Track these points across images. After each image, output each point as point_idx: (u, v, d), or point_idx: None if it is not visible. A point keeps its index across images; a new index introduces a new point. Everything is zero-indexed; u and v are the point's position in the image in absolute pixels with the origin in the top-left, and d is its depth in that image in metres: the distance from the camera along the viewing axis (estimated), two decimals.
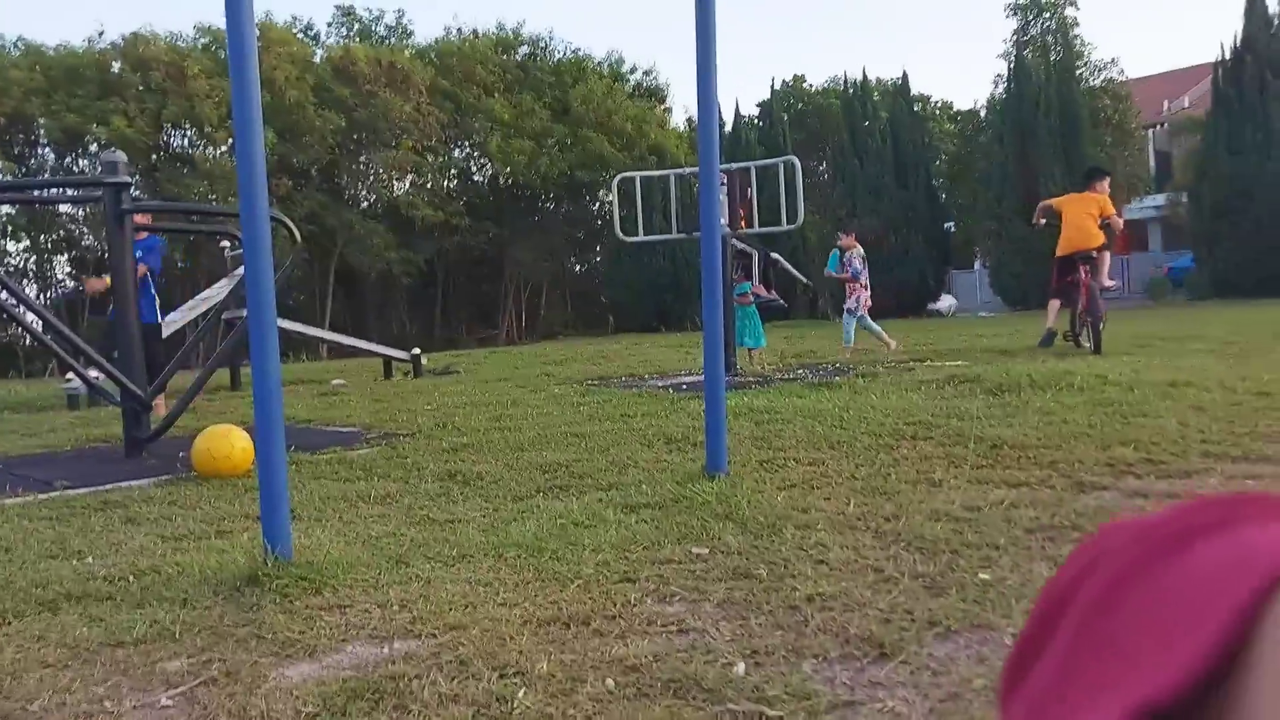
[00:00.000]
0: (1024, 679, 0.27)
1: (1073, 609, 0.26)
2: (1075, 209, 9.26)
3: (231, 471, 4.87)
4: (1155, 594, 0.24)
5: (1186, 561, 0.24)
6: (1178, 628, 0.23)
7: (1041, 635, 0.27)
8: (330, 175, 28.21)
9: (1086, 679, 0.24)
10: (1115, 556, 0.26)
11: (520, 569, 2.90)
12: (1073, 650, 0.25)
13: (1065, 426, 4.75)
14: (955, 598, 2.47)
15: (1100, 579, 0.26)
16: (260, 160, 3.06)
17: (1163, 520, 0.26)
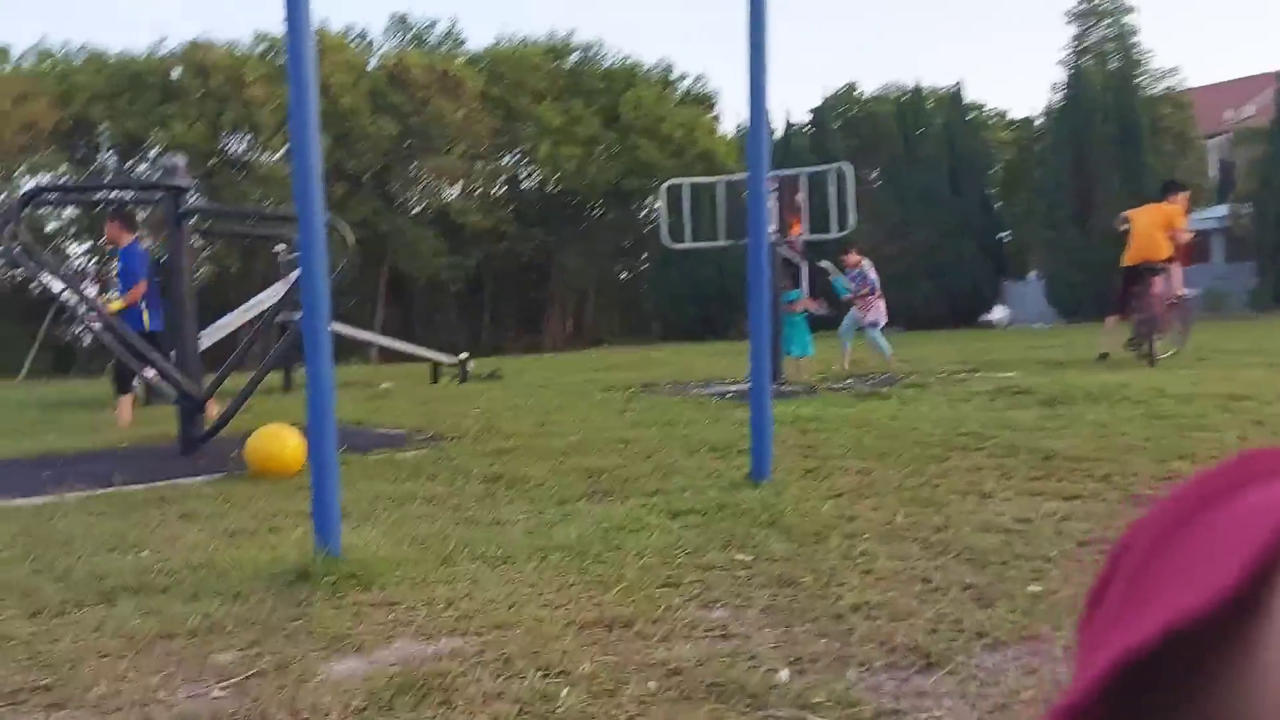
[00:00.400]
0: (1089, 629, 0.29)
1: (1124, 565, 0.28)
2: (1145, 219, 9.22)
3: (283, 470, 4.94)
4: (1187, 543, 0.25)
5: (1209, 519, 0.26)
6: (1203, 567, 0.24)
7: (1102, 591, 0.29)
8: (383, 181, 28.58)
9: (1129, 614, 0.26)
10: (1165, 511, 0.27)
11: (564, 571, 2.91)
12: (1122, 597, 0.27)
13: (1120, 439, 4.67)
14: (1004, 609, 2.44)
15: (1144, 539, 0.27)
16: (316, 166, 3.11)
17: (1216, 473, 0.28)
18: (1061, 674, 2.12)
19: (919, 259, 23.96)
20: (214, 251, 26.30)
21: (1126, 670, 0.24)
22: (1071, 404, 5.87)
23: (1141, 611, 0.25)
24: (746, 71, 4.09)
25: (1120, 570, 0.28)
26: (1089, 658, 0.26)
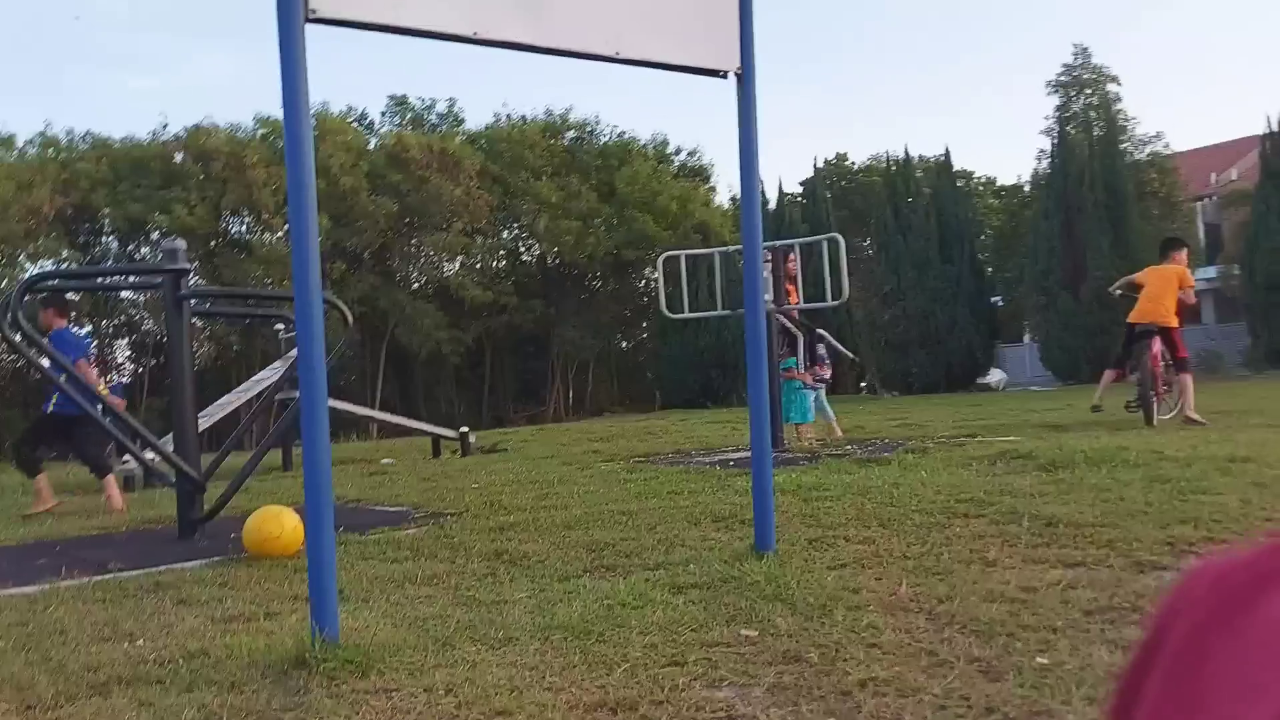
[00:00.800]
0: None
1: (1160, 659, 0.26)
2: (1156, 280, 9.31)
3: (282, 552, 4.91)
4: (1236, 647, 0.24)
5: (1263, 612, 0.24)
6: (1257, 685, 0.22)
7: (1134, 687, 0.27)
8: (382, 258, 28.81)
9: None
10: (1195, 606, 0.26)
11: (567, 652, 2.87)
12: (1162, 706, 0.25)
13: (1122, 504, 4.64)
14: (1013, 683, 2.40)
15: (1182, 629, 0.26)
16: (313, 245, 3.15)
17: (1235, 567, 0.26)
18: None
19: (913, 325, 24.08)
20: (214, 331, 26.41)
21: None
22: (1071, 468, 5.84)
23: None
24: (737, 144, 4.17)
25: (1157, 665, 0.26)
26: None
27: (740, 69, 3.95)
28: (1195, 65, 60.46)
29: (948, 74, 63.48)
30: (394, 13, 3.20)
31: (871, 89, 64.60)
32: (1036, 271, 23.16)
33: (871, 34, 65.18)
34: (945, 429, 10.36)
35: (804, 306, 10.25)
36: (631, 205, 28.99)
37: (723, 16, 3.90)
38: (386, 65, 50.55)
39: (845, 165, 37.49)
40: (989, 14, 62.74)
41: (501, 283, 29.07)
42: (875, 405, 18.71)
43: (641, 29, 3.66)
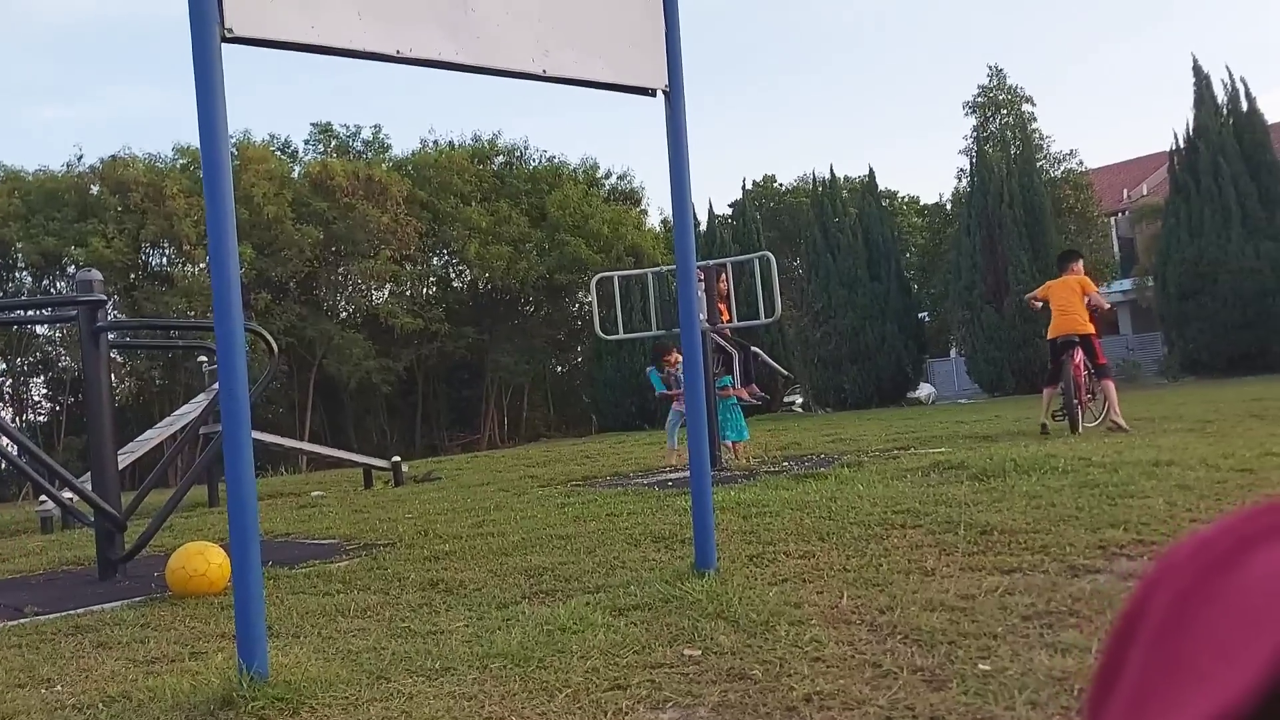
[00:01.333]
0: (1105, 706, 0.26)
1: (1142, 629, 0.26)
2: (1060, 293, 9.53)
3: (208, 589, 4.75)
4: (1217, 608, 0.23)
5: (1245, 573, 0.24)
6: (1241, 640, 0.22)
7: (1117, 660, 0.26)
8: (309, 287, 28.34)
9: (1156, 700, 0.23)
10: (1177, 573, 0.25)
11: (506, 680, 2.80)
12: (1144, 673, 0.25)
13: (1053, 510, 4.72)
14: (956, 690, 2.40)
15: (1164, 597, 0.25)
16: (234, 269, 3.06)
17: (1219, 533, 0.25)
18: None
19: (844, 342, 24.41)
20: (135, 366, 25.68)
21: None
22: (1003, 477, 5.93)
23: (1175, 694, 0.23)
24: (668, 163, 4.16)
25: (1139, 634, 0.25)
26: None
27: (668, 87, 3.96)
28: (1105, 85, 62.68)
29: (870, 96, 64.94)
30: (314, 32, 3.13)
31: (797, 111, 65.76)
32: (960, 287, 23.65)
33: (795, 58, 66.44)
34: (879, 443, 10.47)
35: (738, 325, 10.31)
36: (563, 229, 28.97)
37: (650, 34, 3.90)
38: (309, 92, 49.97)
39: (773, 187, 38.04)
40: (907, 38, 64.41)
41: (432, 310, 28.77)
42: (809, 422, 18.88)
43: (569, 46, 3.65)
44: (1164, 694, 0.23)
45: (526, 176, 30.92)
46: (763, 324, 9.87)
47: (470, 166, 30.00)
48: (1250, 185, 20.44)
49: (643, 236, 30.28)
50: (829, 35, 67.58)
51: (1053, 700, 2.29)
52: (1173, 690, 0.23)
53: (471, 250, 28.19)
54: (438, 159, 29.93)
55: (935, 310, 28.38)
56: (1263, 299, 19.80)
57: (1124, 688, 0.25)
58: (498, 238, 28.53)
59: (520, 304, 32.07)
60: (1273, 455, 5.84)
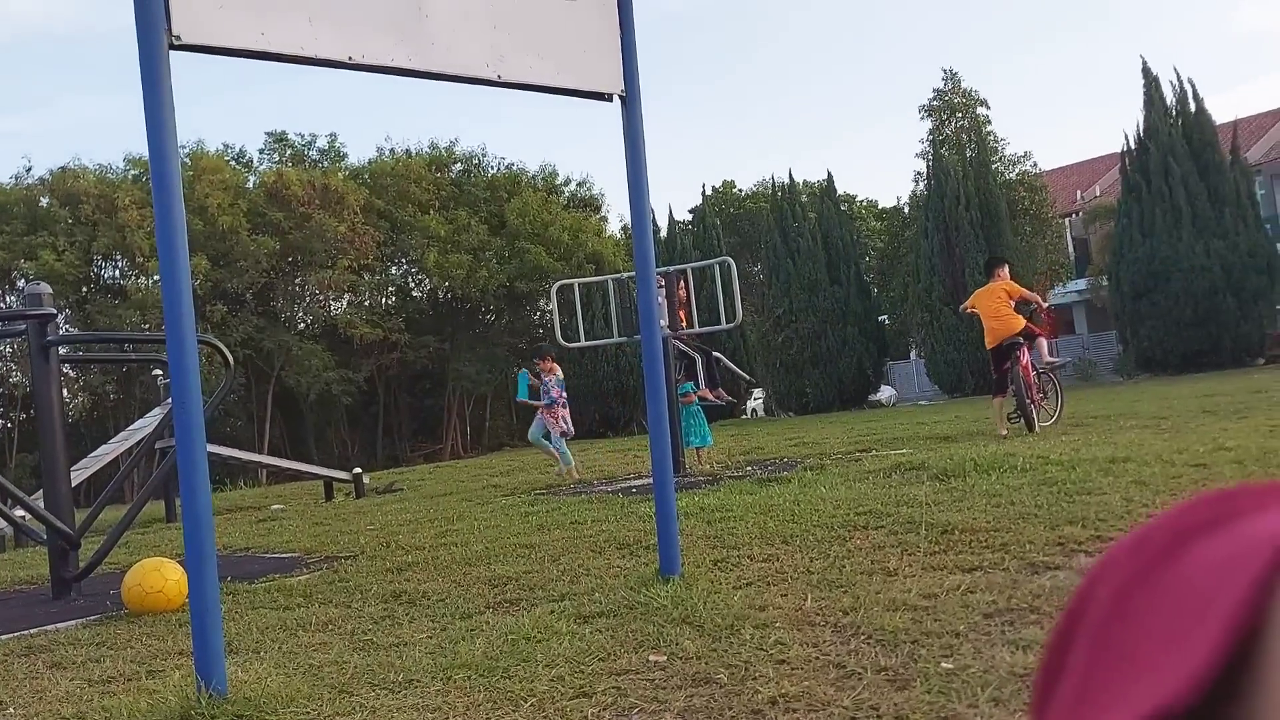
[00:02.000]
0: (1050, 700, 0.25)
1: (1085, 623, 0.25)
2: (986, 302, 9.61)
3: (166, 606, 4.66)
4: (1159, 600, 0.23)
5: (1185, 563, 0.23)
6: (1183, 630, 0.22)
7: (1061, 654, 0.26)
8: (266, 299, 28.02)
9: (1101, 693, 0.23)
10: (1118, 567, 0.25)
11: (470, 691, 2.78)
12: (1087, 666, 0.24)
13: (1013, 508, 4.77)
14: (920, 689, 2.41)
15: (1105, 590, 0.25)
16: (185, 277, 3.01)
17: (1157, 527, 0.25)
18: None
19: (805, 346, 24.56)
20: (89, 381, 25.22)
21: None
22: (963, 476, 5.99)
23: (1121, 685, 0.22)
24: (626, 168, 4.16)
25: (1082, 629, 0.25)
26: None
27: (625, 92, 3.95)
28: (1058, 88, 63.70)
29: (827, 101, 65.47)
30: (264, 39, 3.09)
31: (755, 117, 66.15)
32: (919, 290, 23.89)
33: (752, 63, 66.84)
34: (841, 446, 10.53)
35: (700, 330, 10.33)
36: (522, 237, 28.88)
37: (605, 39, 3.90)
38: (264, 101, 49.44)
39: (733, 193, 38.18)
40: (863, 42, 65.05)
41: (392, 319, 28.54)
42: (772, 426, 18.96)
43: (524, 52, 3.63)
44: (1109, 685, 0.23)
45: (485, 184, 30.79)
46: (724, 329, 9.89)
47: (428, 174, 29.82)
48: (1199, 185, 20.84)
49: (603, 244, 30.26)
50: (786, 40, 68.12)
51: (1015, 697, 2.31)
52: (1117, 681, 0.23)
53: (430, 259, 28.01)
54: (395, 167, 29.72)
55: (895, 313, 28.64)
56: (1213, 297, 20.19)
57: (1069, 680, 0.25)
58: (457, 246, 28.38)
59: (481, 312, 31.92)
60: (1225, 450, 5.95)
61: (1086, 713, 0.23)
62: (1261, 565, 0.21)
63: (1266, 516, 0.23)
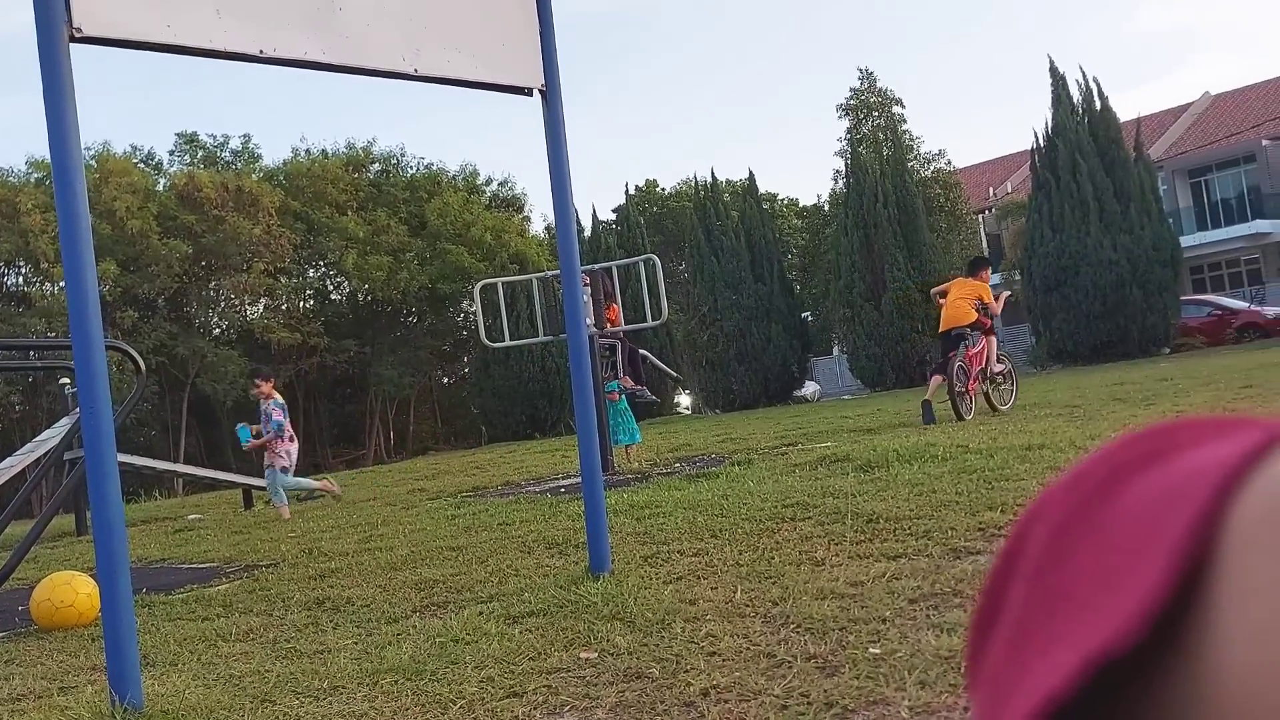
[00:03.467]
0: (985, 649, 0.24)
1: (1021, 564, 0.24)
2: (957, 291, 10.19)
3: (77, 621, 4.49)
4: (1096, 538, 0.22)
5: (1124, 498, 0.22)
6: (1123, 567, 0.21)
7: (998, 597, 0.25)
8: (179, 304, 27.26)
9: (1040, 635, 0.22)
10: (1054, 506, 0.24)
11: (398, 695, 2.73)
12: (1025, 607, 0.23)
13: (934, 496, 4.86)
14: (849, 675, 2.44)
15: (1042, 530, 0.24)
16: (92, 285, 2.90)
17: (1096, 461, 0.24)
18: None
19: (731, 344, 24.74)
20: None
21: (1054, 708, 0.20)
22: (886, 467, 6.09)
23: (1060, 626, 0.21)
24: (548, 164, 4.13)
25: (1019, 569, 0.24)
26: (1000, 689, 0.23)
27: (545, 86, 3.93)
28: (970, 87, 65.29)
29: (748, 100, 66.13)
30: (170, 31, 2.99)
31: (677, 116, 66.49)
32: (840, 286, 24.24)
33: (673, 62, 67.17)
34: (767, 440, 10.63)
35: (626, 328, 10.33)
36: (444, 238, 28.56)
37: (524, 33, 3.86)
38: (173, 101, 48.04)
39: (656, 191, 38.33)
40: (782, 43, 65.85)
41: (310, 323, 27.98)
42: (699, 423, 19.06)
43: (441, 46, 3.58)
44: (1046, 626, 0.22)
45: (404, 184, 30.37)
46: (650, 327, 9.91)
47: (345, 175, 29.31)
48: (1106, 181, 21.53)
49: (527, 244, 30.09)
50: (706, 39, 68.61)
51: (941, 679, 2.34)
52: (1055, 622, 0.22)
53: (349, 261, 27.54)
54: (311, 168, 29.15)
55: (817, 309, 29.04)
56: (1120, 289, 20.88)
57: (1006, 623, 0.24)
58: (376, 248, 27.95)
59: (403, 315, 31.49)
60: None
61: (1024, 655, 0.22)
62: (1203, 498, 0.20)
63: (1205, 449, 0.22)
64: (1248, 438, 0.22)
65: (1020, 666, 0.22)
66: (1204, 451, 0.22)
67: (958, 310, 9.97)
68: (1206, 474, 0.21)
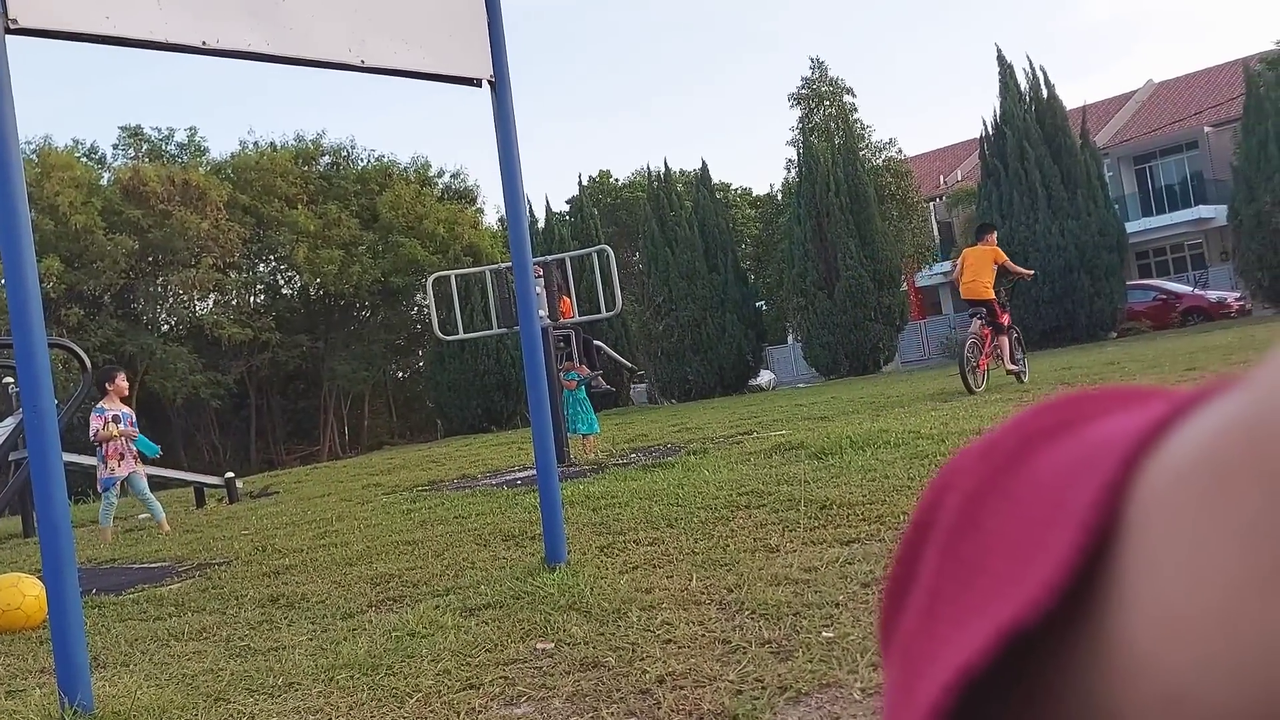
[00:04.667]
0: (897, 618, 0.25)
1: (933, 534, 0.24)
2: (971, 262, 10.41)
3: (24, 624, 4.41)
4: (1007, 508, 0.22)
5: (1034, 467, 0.23)
6: (1034, 537, 0.21)
7: (909, 567, 0.25)
8: (125, 300, 26.76)
9: (952, 607, 0.22)
10: (965, 475, 0.24)
11: (354, 690, 2.72)
12: (937, 579, 0.23)
13: (887, 482, 4.92)
14: (803, 659, 2.47)
15: (953, 500, 0.24)
16: (33, 281, 2.85)
17: (1006, 430, 0.25)
18: (863, 718, 2.16)
19: (686, 334, 24.81)
20: None
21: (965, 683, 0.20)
22: (840, 454, 6.16)
23: (972, 598, 0.21)
24: (498, 155, 4.12)
25: (930, 540, 0.24)
26: (913, 660, 0.23)
27: (494, 77, 3.91)
28: (919, 76, 65.93)
29: (700, 91, 66.21)
30: (109, 22, 2.94)
31: (629, 106, 66.41)
32: (794, 275, 24.40)
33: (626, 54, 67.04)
34: (723, 429, 10.69)
35: (581, 319, 10.32)
36: (396, 231, 28.31)
37: (471, 23, 3.84)
38: (116, 94, 47.09)
39: (610, 182, 38.25)
40: (734, 32, 65.99)
41: (261, 318, 27.61)
42: (655, 413, 19.10)
43: (387, 36, 3.55)
44: (958, 599, 0.22)
45: (355, 177, 30.04)
46: (605, 318, 9.91)
47: (294, 168, 28.93)
48: (1053, 168, 21.88)
49: (480, 236, 29.91)
50: (657, 30, 68.54)
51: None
52: (967, 595, 0.22)
53: (300, 255, 27.20)
54: (259, 161, 28.73)
55: (772, 299, 29.20)
56: (1068, 275, 21.25)
57: (917, 594, 0.24)
58: (328, 241, 27.63)
59: (355, 309, 31.19)
60: None
61: (938, 627, 0.22)
62: (1110, 469, 0.20)
63: (1113, 419, 0.23)
64: (1154, 409, 0.22)
65: (934, 638, 0.22)
66: (1112, 422, 0.23)
67: (974, 285, 10.23)
68: (1114, 445, 0.21)
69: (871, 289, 23.21)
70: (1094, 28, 67.92)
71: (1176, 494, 0.19)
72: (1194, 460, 0.19)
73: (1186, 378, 8.69)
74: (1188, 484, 0.19)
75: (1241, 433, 0.18)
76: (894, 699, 0.24)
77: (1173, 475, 0.19)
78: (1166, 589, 0.19)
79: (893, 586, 0.26)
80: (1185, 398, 0.22)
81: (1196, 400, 0.21)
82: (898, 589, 0.26)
